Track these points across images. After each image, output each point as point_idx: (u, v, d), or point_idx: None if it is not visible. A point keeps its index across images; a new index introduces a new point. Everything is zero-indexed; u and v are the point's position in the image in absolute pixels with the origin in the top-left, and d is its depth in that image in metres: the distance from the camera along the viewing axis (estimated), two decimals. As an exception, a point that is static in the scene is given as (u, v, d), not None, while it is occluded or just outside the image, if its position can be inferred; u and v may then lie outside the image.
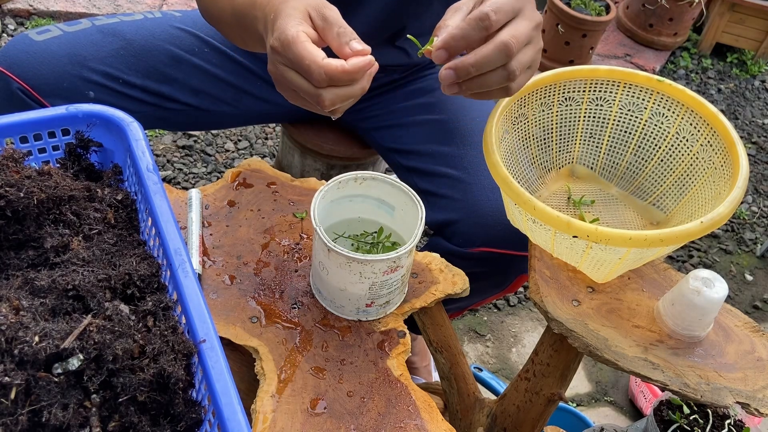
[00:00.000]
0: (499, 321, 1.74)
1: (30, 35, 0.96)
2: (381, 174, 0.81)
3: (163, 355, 0.49)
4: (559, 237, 0.73)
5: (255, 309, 0.80)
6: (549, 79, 0.87)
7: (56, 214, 0.59)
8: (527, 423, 0.88)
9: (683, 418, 0.86)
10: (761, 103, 2.67)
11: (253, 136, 2.02)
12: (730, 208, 0.71)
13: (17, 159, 0.60)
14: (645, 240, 0.68)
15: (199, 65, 1.05)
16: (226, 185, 0.94)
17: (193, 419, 0.51)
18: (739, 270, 2.02)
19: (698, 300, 0.72)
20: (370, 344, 0.79)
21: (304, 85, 0.63)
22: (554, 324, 0.75)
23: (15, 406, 0.44)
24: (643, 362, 0.71)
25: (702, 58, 2.79)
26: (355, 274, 0.74)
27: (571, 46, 2.34)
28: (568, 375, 0.83)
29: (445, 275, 0.86)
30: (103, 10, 2.21)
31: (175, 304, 0.55)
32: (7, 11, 2.16)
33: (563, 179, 0.93)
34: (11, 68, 0.92)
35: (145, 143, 0.65)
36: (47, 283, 0.51)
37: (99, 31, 0.99)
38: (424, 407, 0.73)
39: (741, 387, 0.71)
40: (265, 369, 0.74)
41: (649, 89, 0.87)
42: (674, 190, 0.88)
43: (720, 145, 0.81)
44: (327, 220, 0.82)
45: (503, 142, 0.83)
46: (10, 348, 0.45)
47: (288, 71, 0.64)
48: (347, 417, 0.71)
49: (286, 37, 0.62)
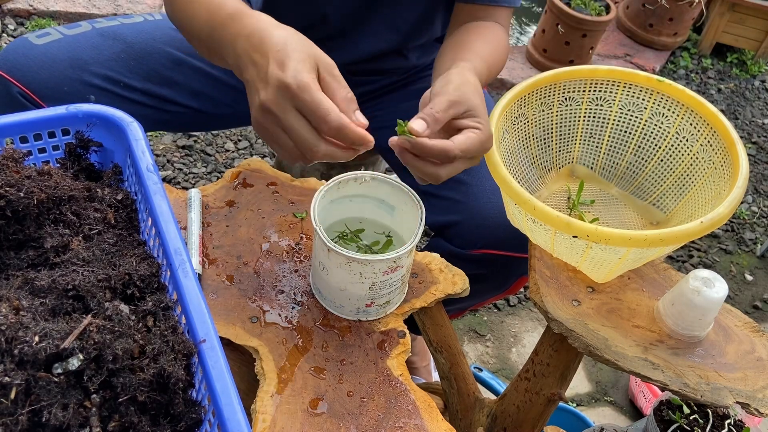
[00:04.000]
0: (499, 321, 1.74)
1: (30, 39, 0.96)
2: (381, 174, 0.81)
3: (163, 355, 0.49)
4: (559, 237, 0.74)
5: (255, 309, 0.80)
6: (549, 79, 0.87)
7: (56, 214, 0.59)
8: (527, 423, 0.88)
9: (683, 418, 0.86)
10: (761, 103, 2.67)
11: (253, 136, 2.02)
12: (730, 208, 0.71)
13: (17, 159, 0.60)
14: (645, 240, 0.68)
15: (199, 67, 1.05)
16: (226, 185, 0.94)
17: (193, 419, 0.51)
18: (739, 270, 2.02)
19: (698, 300, 0.72)
20: (370, 344, 0.79)
21: (304, 131, 0.63)
22: (554, 324, 0.75)
23: (15, 406, 0.44)
24: (643, 362, 0.71)
25: (702, 58, 2.79)
26: (355, 274, 0.74)
27: (571, 46, 2.34)
28: (568, 375, 0.83)
29: (445, 275, 0.86)
30: (103, 10, 2.21)
31: (175, 304, 0.55)
32: (7, 11, 2.16)
33: (563, 179, 0.93)
34: (11, 72, 0.92)
35: (145, 143, 0.65)
36: (47, 283, 0.51)
37: (99, 34, 0.99)
38: (424, 407, 0.73)
39: (741, 387, 0.71)
40: (265, 369, 0.74)
41: (649, 89, 0.87)
42: (674, 190, 0.88)
43: (720, 145, 0.81)
44: (327, 220, 0.82)
45: (503, 142, 0.83)
46: (10, 348, 0.45)
47: (291, 113, 0.63)
48: (347, 417, 0.71)
49: (304, 80, 0.62)
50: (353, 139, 0.63)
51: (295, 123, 0.63)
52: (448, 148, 0.68)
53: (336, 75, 0.66)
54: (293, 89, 0.61)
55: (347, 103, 0.65)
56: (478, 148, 0.70)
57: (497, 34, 0.93)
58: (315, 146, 0.63)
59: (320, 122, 0.62)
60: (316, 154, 0.64)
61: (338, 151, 0.65)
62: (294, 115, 0.63)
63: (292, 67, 0.62)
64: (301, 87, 0.61)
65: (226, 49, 0.70)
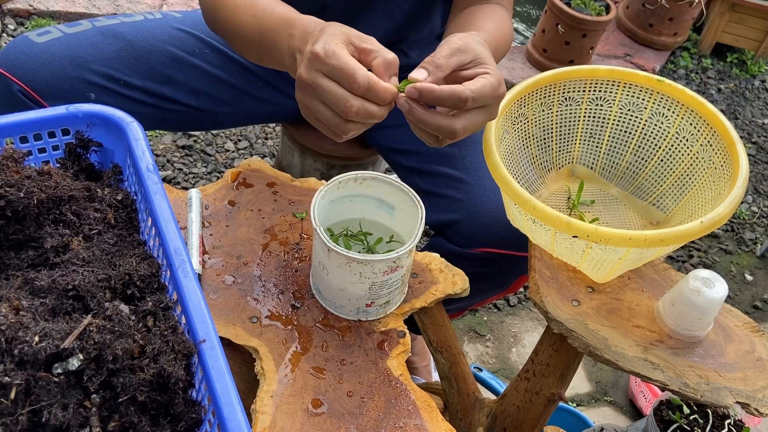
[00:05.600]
0: (499, 321, 1.74)
1: (30, 37, 0.96)
2: (381, 174, 0.81)
3: (163, 355, 0.49)
4: (559, 237, 0.73)
5: (255, 309, 0.80)
6: (549, 79, 0.87)
7: (56, 214, 0.59)
8: (527, 423, 0.88)
9: (683, 418, 0.86)
10: (761, 103, 2.67)
11: (253, 136, 2.02)
12: (730, 208, 0.71)
13: (17, 159, 0.60)
14: (645, 240, 0.68)
15: (200, 66, 1.05)
16: (226, 185, 0.94)
17: (193, 419, 0.51)
18: (739, 270, 2.02)
19: (698, 300, 0.72)
20: (370, 344, 0.79)
21: (338, 91, 0.64)
22: (554, 324, 0.75)
23: (15, 406, 0.44)
24: (643, 362, 0.71)
25: (702, 58, 2.79)
26: (355, 274, 0.74)
27: (571, 46, 2.34)
28: (568, 375, 0.83)
29: (445, 275, 0.86)
30: (103, 10, 2.21)
31: (175, 304, 0.55)
32: (7, 11, 2.16)
33: (563, 179, 0.93)
34: (11, 70, 0.92)
35: (145, 143, 0.65)
36: (47, 283, 0.51)
37: (99, 32, 0.99)
38: (424, 407, 0.73)
39: (741, 387, 0.71)
40: (265, 369, 0.74)
41: (649, 89, 0.87)
42: (674, 190, 0.88)
43: (720, 145, 0.81)
44: (327, 220, 0.82)
45: (503, 142, 0.83)
46: (10, 348, 0.45)
47: (323, 79, 0.65)
48: (347, 417, 0.71)
49: (331, 47, 0.64)
50: (383, 96, 0.64)
51: (327, 85, 0.65)
52: (459, 91, 0.65)
53: (372, 42, 0.67)
54: (321, 56, 0.64)
55: (384, 67, 0.66)
56: (490, 93, 0.67)
57: (500, 14, 0.91)
58: (348, 101, 0.64)
59: (350, 82, 0.63)
60: (351, 109, 0.64)
61: (372, 106, 0.65)
62: (325, 80, 0.65)
63: (322, 40, 0.66)
64: (328, 54, 0.64)
65: (281, 51, 0.74)
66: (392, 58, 0.67)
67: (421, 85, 0.65)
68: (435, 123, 0.67)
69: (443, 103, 0.66)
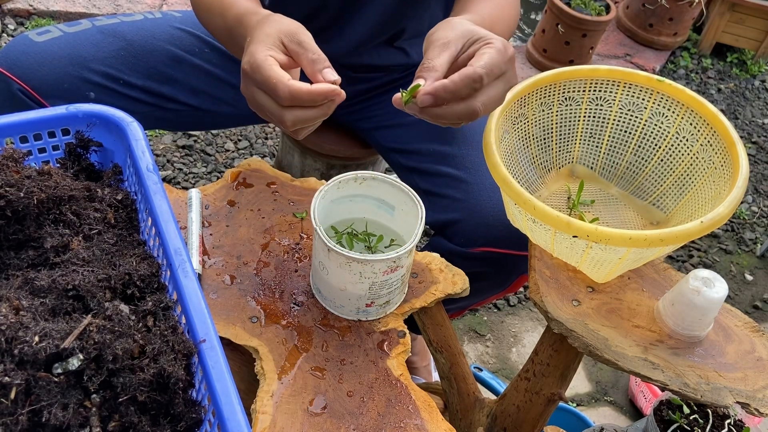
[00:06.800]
0: (499, 321, 1.74)
1: (30, 36, 0.96)
2: (381, 174, 0.81)
3: (163, 355, 0.49)
4: (559, 237, 0.73)
5: (255, 309, 0.80)
6: (549, 79, 0.87)
7: (56, 214, 0.59)
8: (527, 423, 0.88)
9: (683, 418, 0.86)
10: (761, 103, 2.67)
11: (253, 136, 2.02)
12: (730, 208, 0.71)
13: (17, 159, 0.60)
14: (645, 240, 0.68)
15: (200, 65, 1.05)
16: (226, 185, 0.94)
17: (193, 419, 0.51)
18: (739, 270, 2.02)
19: (698, 300, 0.72)
20: (370, 344, 0.79)
21: (271, 105, 0.66)
22: (554, 324, 0.75)
23: (15, 406, 0.44)
24: (643, 362, 0.71)
25: (702, 58, 2.79)
26: (355, 274, 0.74)
27: (571, 45, 2.34)
28: (568, 375, 0.83)
29: (445, 275, 0.86)
30: (103, 10, 2.21)
31: (175, 304, 0.55)
32: (7, 11, 2.16)
33: (563, 179, 0.93)
34: (11, 69, 0.92)
35: (145, 143, 0.65)
36: (47, 283, 0.51)
37: (99, 31, 0.99)
38: (424, 407, 0.73)
39: (741, 387, 0.71)
40: (265, 369, 0.74)
41: (649, 89, 0.87)
42: (674, 190, 0.88)
43: (720, 145, 0.81)
44: (327, 220, 0.82)
45: (503, 142, 0.83)
46: (10, 348, 0.45)
47: (257, 92, 0.67)
48: (347, 417, 0.71)
49: (255, 60, 0.66)
50: (311, 99, 0.65)
51: (262, 99, 0.67)
52: (471, 72, 0.63)
53: (301, 41, 0.68)
54: (248, 72, 0.66)
55: (313, 65, 0.67)
56: (500, 59, 0.65)
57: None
58: (281, 116, 0.66)
59: (275, 96, 0.65)
60: (286, 123, 0.66)
61: (307, 112, 0.66)
62: (259, 94, 0.67)
63: (249, 51, 0.67)
64: (253, 68, 0.66)
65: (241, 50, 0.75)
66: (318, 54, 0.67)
67: (432, 87, 0.63)
68: (453, 113, 0.65)
69: (461, 92, 0.63)
